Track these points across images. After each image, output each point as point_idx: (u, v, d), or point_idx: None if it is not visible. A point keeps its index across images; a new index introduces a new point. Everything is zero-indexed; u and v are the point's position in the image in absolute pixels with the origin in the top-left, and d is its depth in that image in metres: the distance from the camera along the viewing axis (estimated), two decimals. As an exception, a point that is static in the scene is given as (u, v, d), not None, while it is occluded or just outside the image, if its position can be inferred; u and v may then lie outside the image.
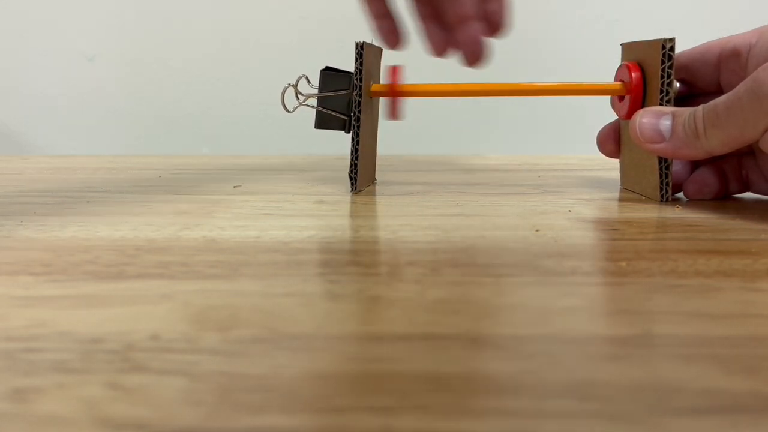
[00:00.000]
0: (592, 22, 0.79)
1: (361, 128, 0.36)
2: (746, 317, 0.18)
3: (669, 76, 0.32)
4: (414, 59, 0.41)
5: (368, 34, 0.42)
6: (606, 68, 0.39)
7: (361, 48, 0.35)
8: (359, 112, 0.35)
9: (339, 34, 0.75)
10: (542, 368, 0.15)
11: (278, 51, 0.83)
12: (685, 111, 0.31)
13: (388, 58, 0.42)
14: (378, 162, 0.44)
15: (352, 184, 0.37)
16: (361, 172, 0.37)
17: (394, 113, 0.37)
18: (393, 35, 0.43)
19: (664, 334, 0.17)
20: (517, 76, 0.39)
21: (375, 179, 0.42)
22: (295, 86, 0.37)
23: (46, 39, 0.83)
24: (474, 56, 0.41)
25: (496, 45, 0.41)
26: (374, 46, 0.38)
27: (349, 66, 0.36)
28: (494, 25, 0.41)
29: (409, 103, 0.35)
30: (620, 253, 0.24)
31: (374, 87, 0.37)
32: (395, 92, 0.36)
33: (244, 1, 0.83)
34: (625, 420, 0.13)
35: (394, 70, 0.36)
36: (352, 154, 0.36)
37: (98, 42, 0.83)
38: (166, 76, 0.85)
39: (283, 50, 0.82)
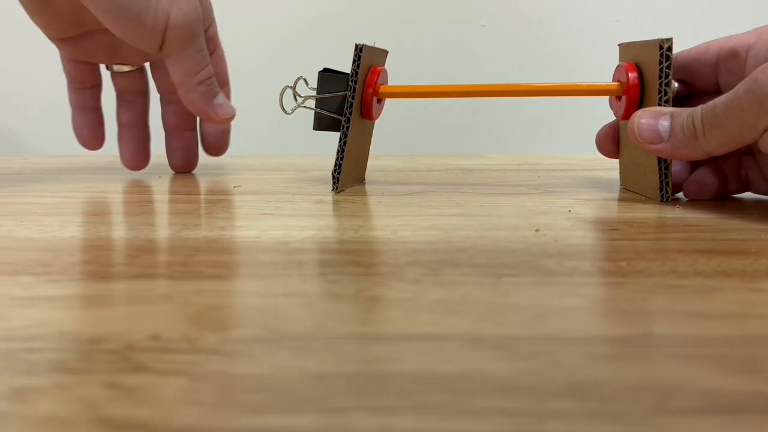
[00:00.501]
0: (592, 22, 0.79)
1: (351, 129, 0.36)
2: (746, 317, 0.18)
3: (667, 76, 0.32)
4: (414, 59, 0.41)
5: (368, 36, 0.42)
6: (606, 68, 0.39)
7: (360, 50, 0.35)
8: (351, 113, 0.35)
9: (341, 36, 0.75)
10: (542, 368, 0.15)
11: (278, 51, 0.83)
12: (684, 111, 0.31)
13: (393, 60, 0.42)
14: (377, 162, 0.44)
15: (334, 183, 0.37)
16: (345, 172, 0.37)
17: (368, 113, 0.37)
18: (92, 133, 0.44)
19: (664, 334, 0.17)
20: (516, 77, 0.39)
21: (364, 180, 0.42)
22: (293, 88, 0.37)
23: (46, 39, 0.83)
24: (213, 148, 0.45)
25: (495, 47, 0.42)
26: (378, 48, 0.38)
27: (349, 68, 0.36)
28: (211, 145, 0.45)
29: (409, 104, 0.35)
30: (620, 253, 0.24)
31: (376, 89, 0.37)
32: (370, 93, 0.36)
33: (244, 1, 0.83)
34: (625, 420, 0.13)
35: (374, 71, 0.37)
36: (338, 154, 0.36)
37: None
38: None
39: (284, 51, 0.82)
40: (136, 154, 0.45)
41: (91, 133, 0.44)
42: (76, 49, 0.41)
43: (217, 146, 0.46)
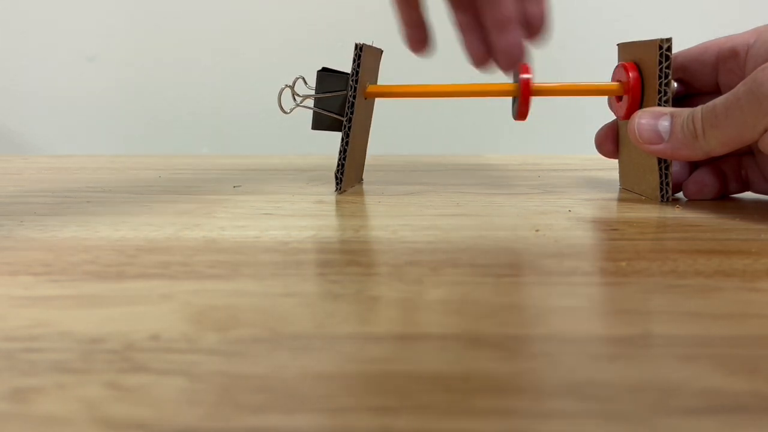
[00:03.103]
0: (592, 22, 0.79)
1: (352, 129, 0.36)
2: (746, 317, 0.18)
3: (667, 76, 0.32)
4: (414, 59, 0.41)
5: (367, 36, 0.41)
6: (606, 69, 0.39)
7: (359, 49, 0.35)
8: (352, 113, 0.36)
9: (339, 35, 0.75)
10: (542, 368, 0.15)
11: (278, 51, 0.83)
12: (684, 112, 0.31)
13: (386, 60, 0.42)
14: (377, 162, 0.44)
15: (337, 184, 0.37)
16: (347, 173, 0.37)
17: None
18: (421, 44, 0.42)
19: (664, 334, 0.17)
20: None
21: (362, 179, 0.42)
22: (291, 87, 0.37)
23: (46, 39, 0.83)
24: (511, 61, 0.40)
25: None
26: (374, 47, 0.38)
27: (348, 67, 0.36)
28: (534, 28, 0.40)
29: (409, 104, 0.35)
30: (620, 253, 0.24)
31: (370, 88, 0.37)
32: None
33: (243, 1, 0.83)
34: (625, 420, 0.13)
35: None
36: (340, 154, 0.36)
37: (98, 42, 0.83)
38: (166, 76, 0.85)
39: (284, 50, 0.82)
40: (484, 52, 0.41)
41: (422, 47, 0.41)
42: None
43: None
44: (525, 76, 0.35)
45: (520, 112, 0.36)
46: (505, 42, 0.39)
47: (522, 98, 0.35)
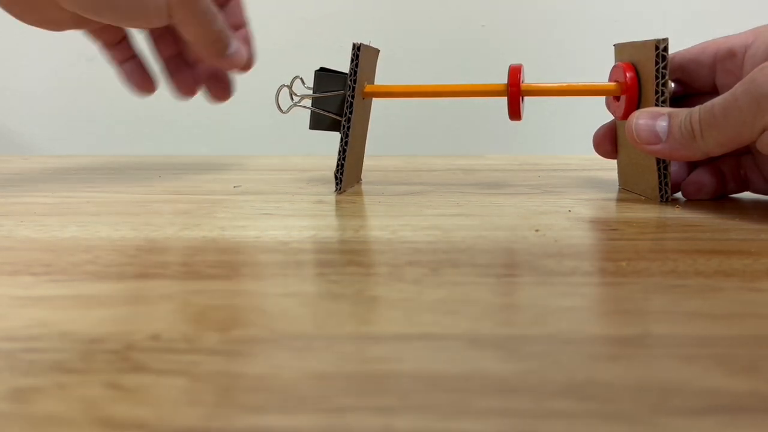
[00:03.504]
0: (591, 22, 0.79)
1: (351, 129, 0.36)
2: (746, 317, 0.18)
3: (664, 76, 0.32)
4: (414, 59, 0.41)
5: (366, 36, 0.42)
6: (606, 69, 0.39)
7: (357, 49, 0.35)
8: (350, 113, 0.36)
9: (337, 35, 0.75)
10: (542, 368, 0.15)
11: (278, 51, 0.83)
12: (682, 112, 0.31)
13: (393, 60, 0.42)
14: (377, 162, 0.44)
15: (337, 184, 0.37)
16: (347, 173, 0.37)
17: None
18: (142, 78, 0.44)
19: (664, 334, 0.17)
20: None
21: (360, 179, 0.42)
22: (289, 87, 0.37)
23: (46, 39, 0.83)
24: (221, 92, 0.44)
25: (495, 46, 0.42)
26: (371, 47, 0.38)
27: (346, 67, 0.36)
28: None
29: (409, 104, 0.35)
30: (620, 253, 0.24)
31: (368, 88, 0.37)
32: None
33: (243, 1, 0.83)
34: (625, 420, 0.13)
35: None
36: (339, 154, 0.36)
37: (98, 42, 0.83)
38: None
39: (283, 50, 0.82)
40: (191, 83, 0.44)
41: (140, 78, 0.44)
42: (81, 30, 0.41)
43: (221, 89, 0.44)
44: (515, 73, 0.35)
45: (511, 111, 0.36)
46: (210, 73, 0.43)
47: (510, 97, 0.35)
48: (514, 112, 0.36)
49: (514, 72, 0.35)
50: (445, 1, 0.77)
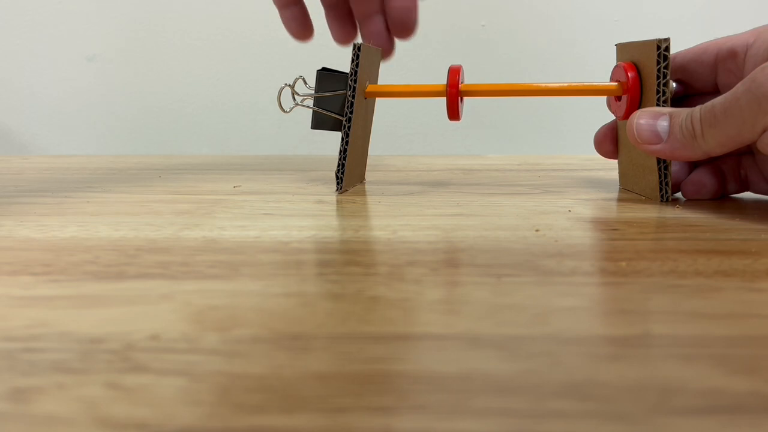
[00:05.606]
0: (592, 22, 0.79)
1: (352, 129, 0.36)
2: (746, 317, 0.18)
3: (665, 76, 0.32)
4: (414, 59, 0.41)
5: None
6: (606, 69, 0.39)
7: (358, 49, 0.35)
8: (351, 113, 0.36)
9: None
10: (542, 368, 0.15)
11: (279, 51, 0.83)
12: (683, 112, 0.31)
13: (392, 60, 0.42)
14: (377, 162, 0.44)
15: (338, 183, 0.37)
16: (348, 172, 0.37)
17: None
18: (300, 26, 0.44)
19: (664, 334, 0.17)
20: (516, 77, 0.39)
21: (364, 179, 0.42)
22: (292, 87, 0.37)
23: (46, 39, 0.83)
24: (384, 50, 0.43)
25: (495, 47, 0.42)
26: (372, 47, 0.38)
27: (348, 67, 0.36)
28: (397, 22, 0.42)
29: (409, 104, 0.35)
30: (620, 253, 0.24)
31: (369, 88, 0.37)
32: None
33: (243, 1, 0.83)
34: (625, 420, 0.13)
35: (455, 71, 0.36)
36: (340, 154, 0.36)
37: (98, 42, 0.83)
38: (166, 76, 0.85)
39: (284, 50, 0.82)
40: (349, 32, 0.44)
41: (298, 26, 0.44)
42: None
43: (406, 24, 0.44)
44: (454, 74, 0.36)
45: (450, 112, 0.36)
46: (371, 33, 0.42)
47: (449, 98, 0.36)
48: (453, 113, 0.36)
49: (453, 73, 0.36)
50: (444, 1, 0.77)
